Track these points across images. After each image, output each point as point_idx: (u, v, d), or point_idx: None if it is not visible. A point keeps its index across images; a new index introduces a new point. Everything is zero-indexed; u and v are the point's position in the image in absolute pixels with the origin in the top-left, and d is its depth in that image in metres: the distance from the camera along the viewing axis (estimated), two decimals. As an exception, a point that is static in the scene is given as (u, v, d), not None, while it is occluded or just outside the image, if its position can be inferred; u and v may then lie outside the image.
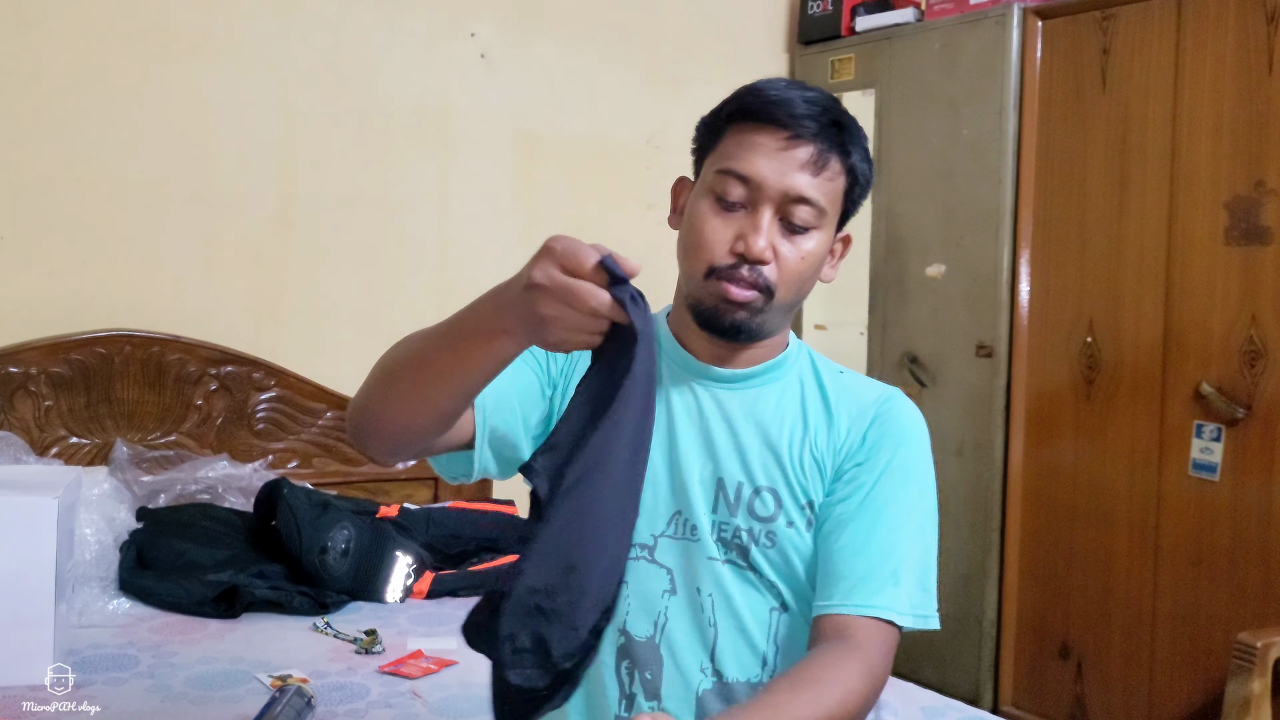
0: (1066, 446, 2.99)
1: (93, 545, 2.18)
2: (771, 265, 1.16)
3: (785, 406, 1.24)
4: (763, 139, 1.16)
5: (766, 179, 1.15)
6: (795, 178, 1.15)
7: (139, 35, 2.67)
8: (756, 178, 1.15)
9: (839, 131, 1.18)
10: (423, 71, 3.04)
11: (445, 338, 1.03)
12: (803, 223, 1.16)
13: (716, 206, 1.17)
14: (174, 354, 2.67)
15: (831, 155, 1.17)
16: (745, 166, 1.16)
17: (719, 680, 1.20)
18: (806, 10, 3.62)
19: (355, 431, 1.13)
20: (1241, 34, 2.63)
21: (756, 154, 1.16)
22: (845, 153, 1.18)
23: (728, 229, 1.16)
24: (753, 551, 1.20)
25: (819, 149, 1.16)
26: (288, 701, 1.64)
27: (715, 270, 1.16)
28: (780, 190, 1.15)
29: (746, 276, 1.15)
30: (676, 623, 1.20)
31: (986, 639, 3.10)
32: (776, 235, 1.16)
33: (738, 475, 1.22)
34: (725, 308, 1.17)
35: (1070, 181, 2.98)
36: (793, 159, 1.15)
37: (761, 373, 1.25)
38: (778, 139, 1.15)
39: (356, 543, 2.33)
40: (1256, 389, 2.59)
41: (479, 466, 1.19)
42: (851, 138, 1.19)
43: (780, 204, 1.15)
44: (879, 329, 3.40)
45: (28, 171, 2.56)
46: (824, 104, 1.18)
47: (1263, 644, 2.26)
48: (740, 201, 1.16)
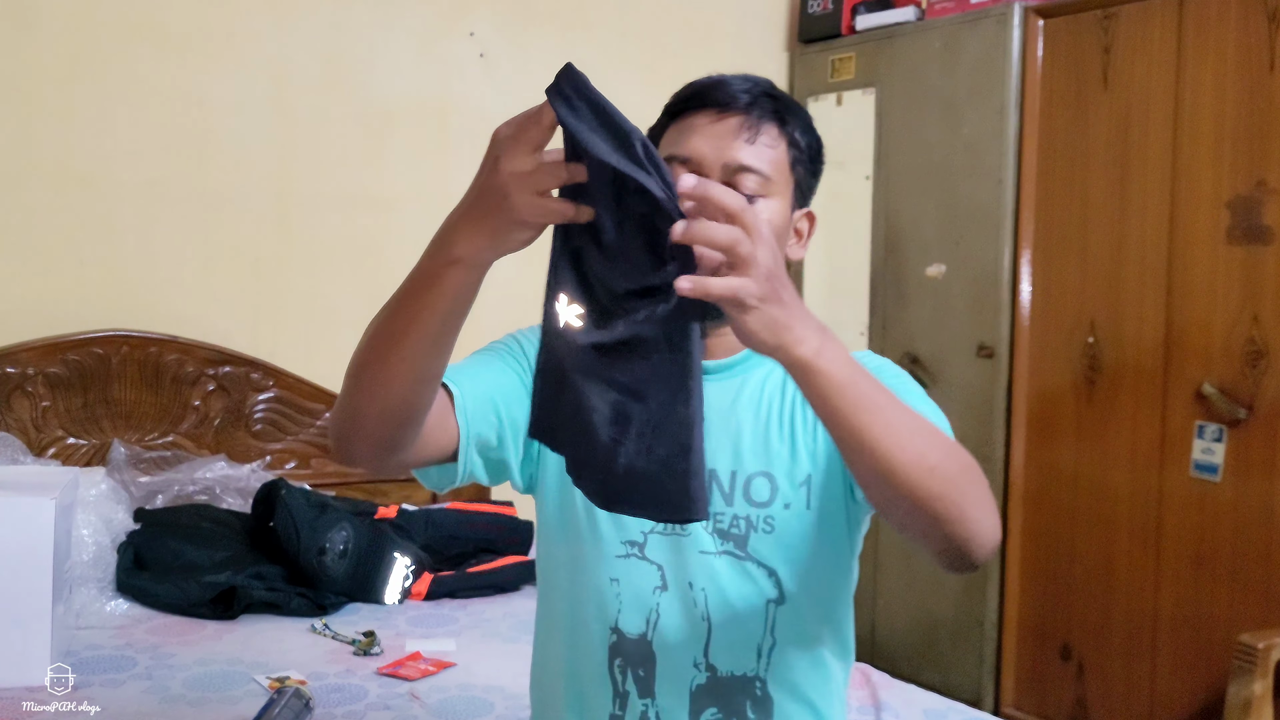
0: (1068, 447, 2.98)
1: (90, 546, 2.17)
2: None
3: (769, 388, 1.24)
4: (697, 120, 1.19)
5: (705, 154, 1.17)
6: (732, 148, 1.17)
7: (136, 34, 2.66)
8: (695, 155, 1.18)
9: (771, 101, 1.20)
10: (421, 70, 3.04)
11: (397, 301, 1.01)
12: (749, 192, 1.18)
13: None
14: (171, 354, 2.66)
15: (765, 122, 1.19)
16: (683, 148, 1.19)
17: (712, 675, 1.20)
18: (806, 9, 3.61)
19: (337, 438, 1.09)
20: (1243, 33, 2.62)
21: (693, 134, 1.19)
22: (780, 120, 1.20)
23: None
24: (752, 539, 1.20)
25: (751, 118, 1.18)
26: (286, 703, 1.64)
27: None
28: (720, 162, 1.17)
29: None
30: (668, 619, 1.20)
31: (988, 640, 3.10)
32: None
33: (730, 464, 1.22)
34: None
35: (1071, 181, 2.97)
36: (727, 130, 1.18)
37: (743, 360, 1.25)
38: (710, 116, 1.19)
39: (355, 544, 2.33)
40: (1258, 389, 2.58)
41: (464, 471, 1.18)
42: (786, 108, 1.21)
43: (723, 176, 1.17)
44: (879, 329, 3.39)
45: (25, 171, 2.56)
46: (756, 80, 1.22)
47: (1264, 645, 2.25)
48: None
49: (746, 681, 1.20)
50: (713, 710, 1.20)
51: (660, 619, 1.20)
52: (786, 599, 1.21)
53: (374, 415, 1.04)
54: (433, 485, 1.22)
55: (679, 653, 1.20)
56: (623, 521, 1.21)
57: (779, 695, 1.21)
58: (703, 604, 1.20)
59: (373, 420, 1.04)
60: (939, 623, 3.20)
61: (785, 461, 1.21)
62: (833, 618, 1.25)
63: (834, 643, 1.26)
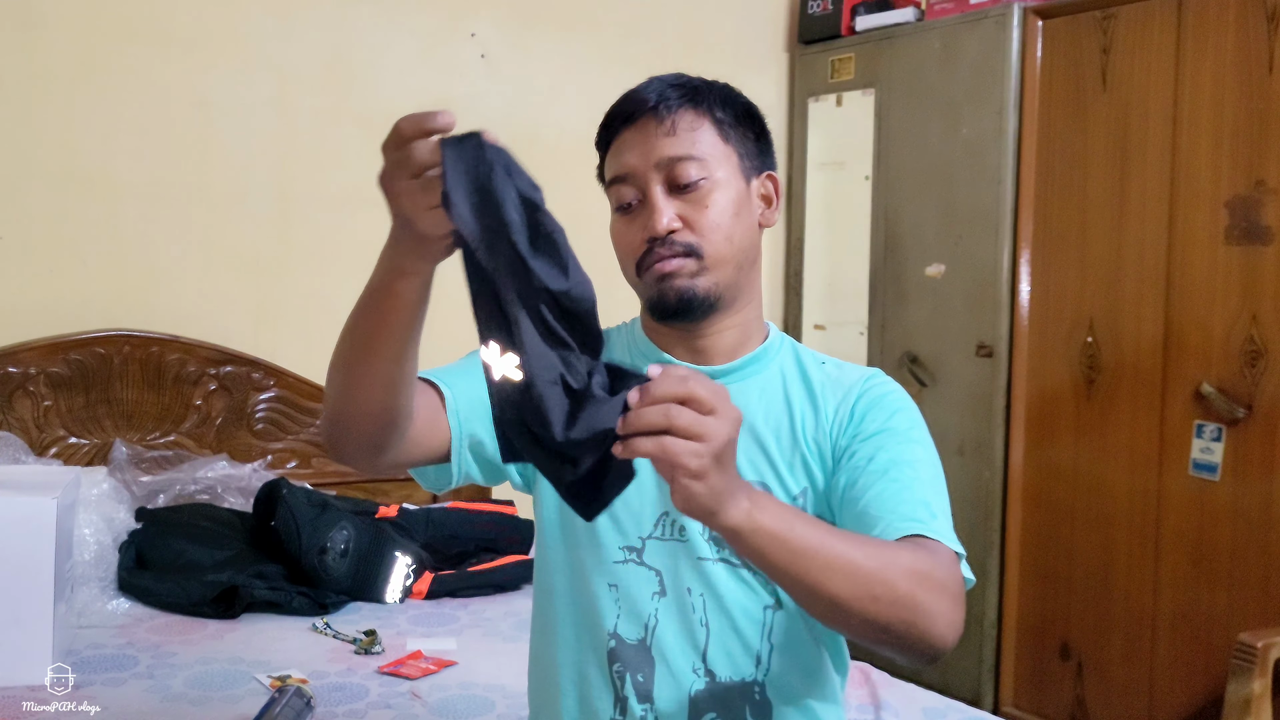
0: (1067, 446, 2.99)
1: (92, 545, 2.17)
2: (683, 230, 1.18)
3: (769, 398, 1.24)
4: (621, 138, 1.22)
5: (634, 165, 1.19)
6: (656, 147, 1.19)
7: (138, 36, 2.66)
8: (627, 169, 1.20)
9: (677, 90, 1.21)
10: (423, 71, 3.04)
11: (358, 310, 1.04)
12: (690, 179, 1.18)
13: (620, 216, 1.23)
14: (173, 354, 2.67)
15: (677, 111, 1.19)
16: (618, 167, 1.21)
17: (711, 680, 1.20)
18: (806, 10, 3.62)
19: (326, 440, 1.13)
20: (1242, 33, 2.62)
21: (620, 152, 1.21)
22: (694, 102, 1.20)
23: (633, 226, 1.21)
24: None
25: (662, 113, 1.19)
26: (287, 702, 1.64)
27: (640, 263, 1.20)
28: (650, 163, 1.19)
29: (665, 251, 1.18)
30: (666, 625, 1.20)
31: (987, 640, 3.10)
32: (674, 204, 1.19)
33: None
34: (665, 287, 1.19)
35: (1070, 181, 2.98)
36: (646, 133, 1.19)
37: (742, 366, 1.25)
38: (630, 128, 1.20)
39: (356, 543, 2.33)
40: (1257, 389, 2.59)
41: (459, 472, 1.20)
42: (695, 90, 1.21)
43: (661, 177, 1.19)
44: (879, 329, 3.39)
45: (27, 171, 2.56)
46: (659, 78, 1.23)
47: (1263, 644, 2.25)
48: (633, 199, 1.21)
49: (745, 687, 1.20)
50: (711, 716, 1.20)
51: (659, 625, 1.20)
52: (784, 605, 1.21)
53: (353, 417, 1.07)
54: (430, 486, 1.23)
55: (678, 658, 1.20)
56: (622, 527, 1.21)
57: (778, 700, 1.21)
58: (700, 610, 1.20)
59: (353, 421, 1.07)
60: (939, 622, 3.20)
61: (781, 474, 1.21)
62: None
63: (831, 648, 1.26)
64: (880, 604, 0.96)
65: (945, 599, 1.01)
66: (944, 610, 1.00)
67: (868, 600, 0.96)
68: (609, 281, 1.15)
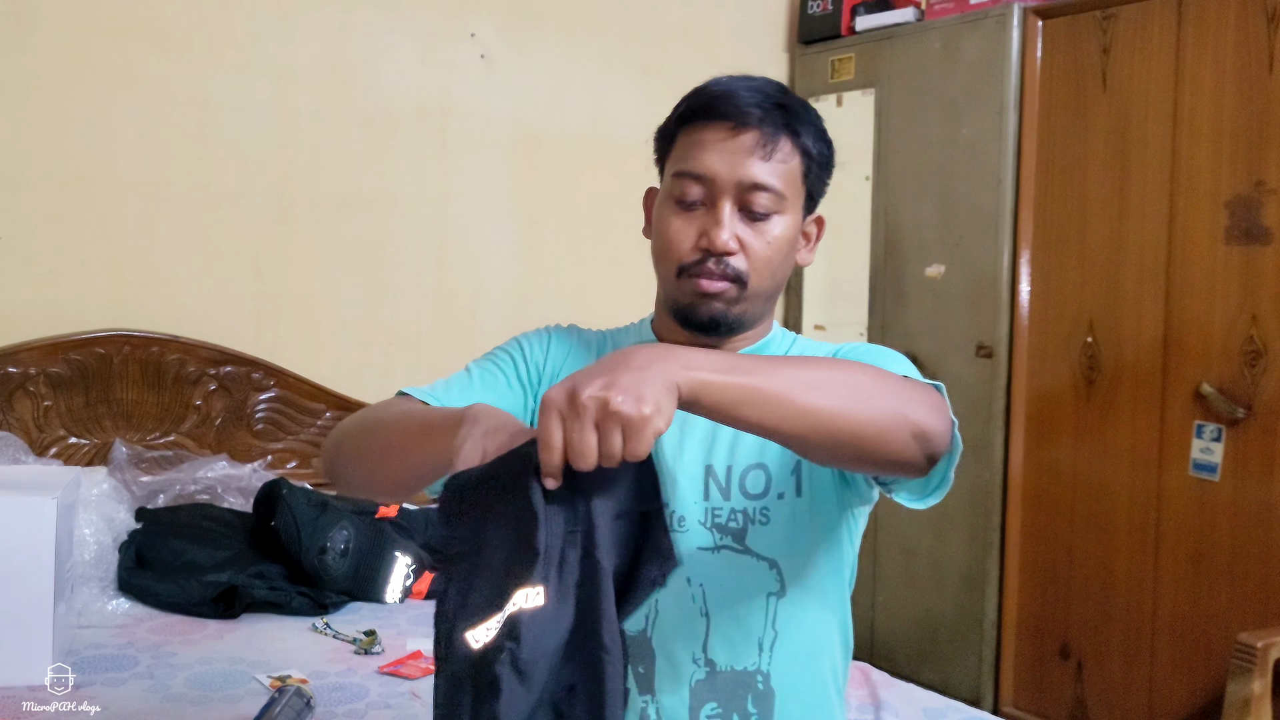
0: (1066, 447, 2.99)
1: (92, 545, 2.17)
2: (739, 255, 1.18)
3: None
4: (710, 134, 1.18)
5: (719, 173, 1.17)
6: (747, 166, 1.16)
7: (137, 35, 2.66)
8: (709, 173, 1.17)
9: (784, 114, 1.19)
10: (423, 72, 3.04)
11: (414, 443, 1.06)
12: (763, 209, 1.17)
13: (677, 209, 1.20)
14: (173, 354, 2.67)
15: (780, 138, 1.18)
16: (697, 165, 1.18)
17: (711, 670, 1.20)
18: (806, 10, 3.62)
19: (330, 476, 1.17)
20: (1242, 33, 2.63)
21: (706, 150, 1.18)
22: (794, 133, 1.19)
23: (690, 227, 1.19)
24: (750, 532, 1.20)
25: (765, 134, 1.17)
26: (287, 702, 1.64)
27: (685, 268, 1.19)
28: (734, 181, 1.16)
29: (715, 269, 1.17)
30: (667, 615, 1.21)
31: (987, 640, 3.10)
32: (739, 225, 1.18)
33: (726, 459, 1.22)
34: (700, 302, 1.18)
35: (1070, 181, 2.98)
36: (741, 148, 1.17)
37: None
38: (724, 131, 1.17)
39: (356, 543, 2.33)
40: (1257, 389, 2.59)
41: None
42: (798, 118, 1.20)
43: (737, 194, 1.17)
44: (878, 329, 3.39)
45: (27, 171, 2.56)
46: (767, 90, 1.20)
47: (1263, 644, 2.25)
48: (699, 199, 1.18)
49: (748, 676, 1.21)
50: (712, 705, 1.20)
51: (659, 615, 1.21)
52: (787, 591, 1.21)
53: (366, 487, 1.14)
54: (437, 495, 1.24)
55: (678, 649, 1.20)
56: None
57: (780, 688, 1.22)
58: (700, 599, 1.20)
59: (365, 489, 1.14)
60: (938, 622, 3.20)
61: (778, 450, 1.22)
62: (832, 609, 1.26)
63: (835, 634, 1.27)
64: (869, 404, 0.98)
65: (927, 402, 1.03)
66: (927, 403, 1.03)
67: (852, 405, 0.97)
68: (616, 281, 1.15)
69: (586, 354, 1.30)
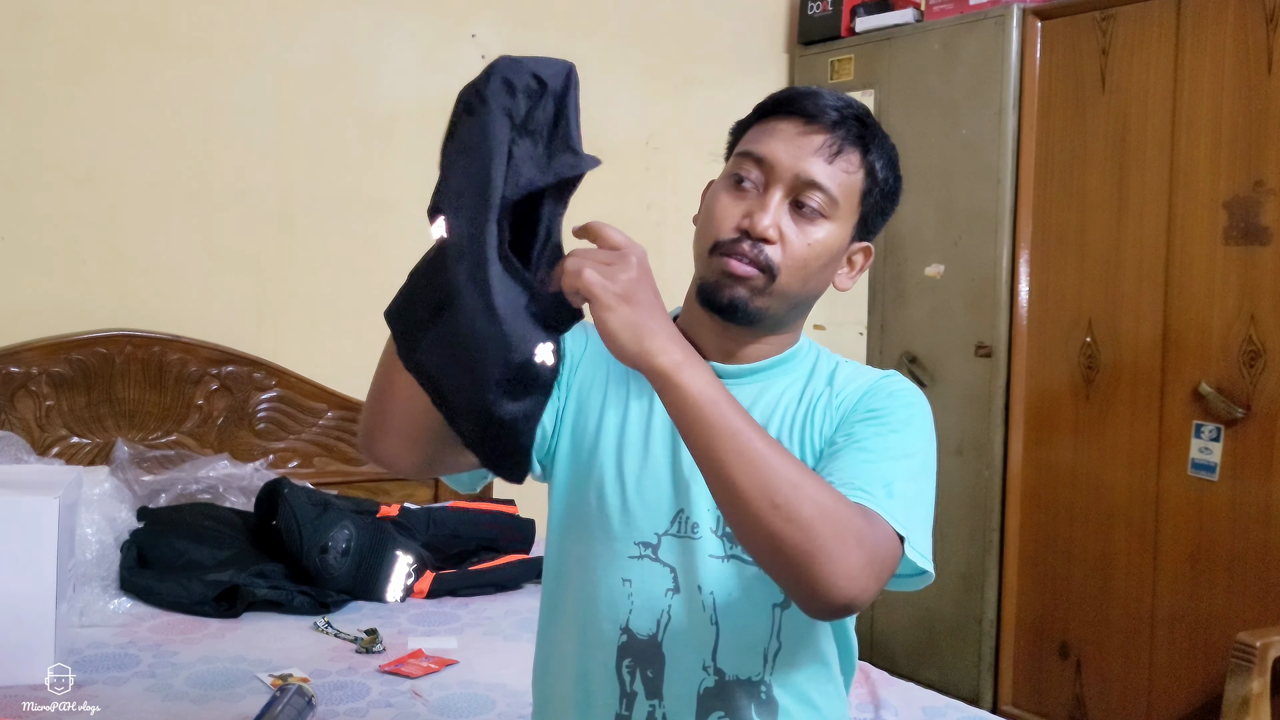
0: (1066, 446, 2.99)
1: (93, 545, 2.18)
2: (776, 246, 1.16)
3: (788, 395, 1.24)
4: (784, 125, 1.18)
5: (780, 160, 1.16)
6: (809, 161, 1.16)
7: (140, 37, 2.67)
8: (770, 158, 1.17)
9: (860, 127, 1.18)
10: (423, 73, 3.05)
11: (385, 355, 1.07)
12: (812, 205, 1.16)
13: (731, 185, 1.19)
14: (175, 354, 2.67)
15: (848, 146, 1.17)
16: (761, 148, 1.17)
17: (720, 678, 1.20)
18: (806, 11, 3.62)
19: (365, 436, 1.12)
20: (1240, 34, 2.63)
21: (774, 138, 1.18)
22: (864, 149, 1.18)
23: (737, 206, 1.18)
24: None
25: (836, 138, 1.16)
26: (288, 701, 1.65)
27: (719, 245, 1.17)
28: (792, 172, 1.16)
29: (748, 252, 1.15)
30: (679, 621, 1.20)
31: (986, 639, 3.11)
32: (785, 217, 1.17)
33: None
34: (725, 282, 1.16)
35: (1069, 181, 2.98)
36: (808, 143, 1.16)
37: (768, 367, 1.25)
38: (798, 124, 1.17)
39: (357, 542, 2.34)
40: (1255, 389, 2.59)
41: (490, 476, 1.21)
42: (874, 137, 1.20)
43: (792, 186, 1.16)
44: (878, 329, 3.40)
45: (28, 171, 2.57)
46: (851, 102, 1.20)
47: (1262, 643, 2.26)
48: (755, 182, 1.17)
49: (752, 685, 1.20)
50: (719, 714, 1.20)
51: (671, 621, 1.20)
52: (791, 603, 1.21)
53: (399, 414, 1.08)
54: (464, 489, 1.24)
55: (688, 655, 1.20)
56: (635, 522, 1.21)
57: (784, 698, 1.21)
58: (711, 607, 1.20)
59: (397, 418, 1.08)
60: (938, 621, 3.21)
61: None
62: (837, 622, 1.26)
63: (838, 645, 1.27)
64: (778, 515, 0.94)
65: (854, 550, 0.97)
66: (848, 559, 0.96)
67: (767, 505, 0.94)
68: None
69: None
